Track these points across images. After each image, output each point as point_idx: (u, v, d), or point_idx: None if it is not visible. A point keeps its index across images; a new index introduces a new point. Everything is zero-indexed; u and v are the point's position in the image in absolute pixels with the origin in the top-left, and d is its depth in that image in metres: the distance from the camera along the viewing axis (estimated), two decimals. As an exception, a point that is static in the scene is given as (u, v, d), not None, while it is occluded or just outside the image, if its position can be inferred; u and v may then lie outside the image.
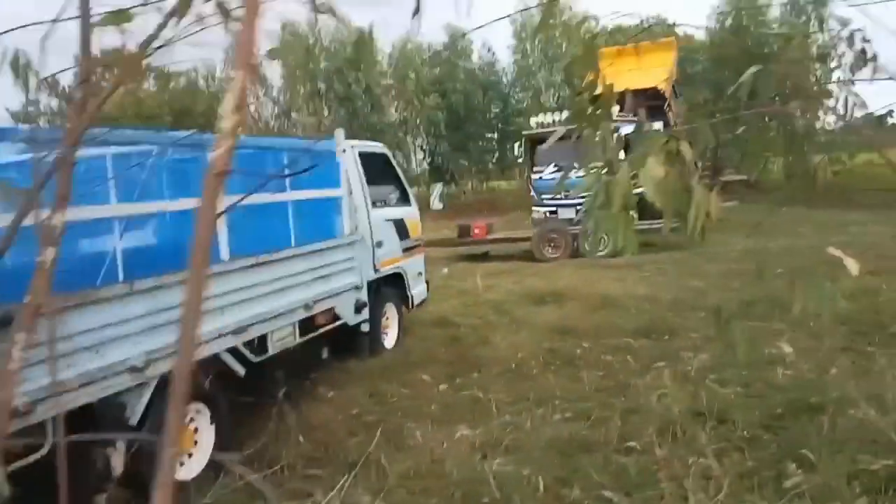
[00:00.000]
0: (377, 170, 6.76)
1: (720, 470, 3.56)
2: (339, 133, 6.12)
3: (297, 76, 31.30)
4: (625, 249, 1.88)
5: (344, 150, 6.03)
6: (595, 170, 2.37)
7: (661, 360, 5.51)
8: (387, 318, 6.84)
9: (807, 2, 28.33)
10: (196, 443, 4.27)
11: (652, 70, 16.67)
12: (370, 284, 6.31)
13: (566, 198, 16.46)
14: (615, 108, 12.04)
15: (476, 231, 14.96)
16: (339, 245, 5.74)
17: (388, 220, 6.75)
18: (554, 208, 16.58)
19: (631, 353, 5.86)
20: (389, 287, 6.84)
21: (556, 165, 16.67)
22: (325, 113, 31.01)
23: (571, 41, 32.68)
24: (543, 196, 16.92)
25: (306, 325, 5.42)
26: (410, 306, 7.26)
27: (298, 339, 5.31)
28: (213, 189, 0.97)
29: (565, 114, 17.76)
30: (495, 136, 32.66)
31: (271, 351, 4.92)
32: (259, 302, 4.69)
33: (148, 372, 3.66)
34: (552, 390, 5.09)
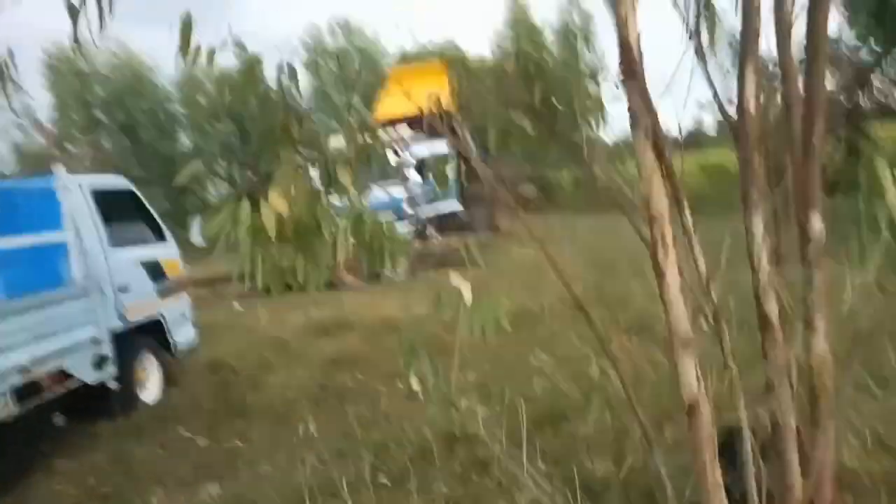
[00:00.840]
0: (120, 207, 6.09)
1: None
2: (59, 169, 5.41)
3: (69, 104, 28.44)
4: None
5: (68, 188, 5.33)
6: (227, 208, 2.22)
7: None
8: (144, 371, 6.17)
9: (574, 27, 31.45)
10: None
11: (438, 92, 17.14)
12: (117, 335, 5.64)
13: (397, 217, 16.46)
14: (406, 129, 12.11)
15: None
16: (65, 296, 5.05)
17: (137, 261, 6.11)
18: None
19: (403, 377, 5.77)
20: (145, 335, 6.18)
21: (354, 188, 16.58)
22: (108, 144, 28.50)
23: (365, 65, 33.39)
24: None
25: (28, 390, 4.69)
26: (175, 354, 6.63)
27: (16, 409, 4.57)
28: None
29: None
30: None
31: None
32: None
33: None
34: (315, 431, 4.84)
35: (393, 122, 17.40)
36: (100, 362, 5.32)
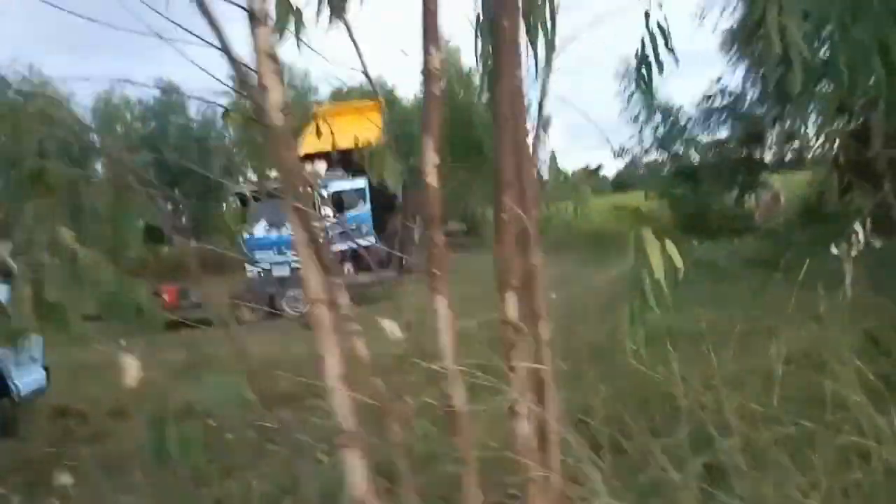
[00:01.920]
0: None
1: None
2: None
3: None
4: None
5: None
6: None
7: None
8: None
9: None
10: None
11: (361, 130, 17.05)
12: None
13: (280, 254, 16.05)
14: (322, 165, 11.82)
15: (165, 297, 13.68)
16: None
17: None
18: (268, 266, 16.05)
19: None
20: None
21: (268, 223, 16.22)
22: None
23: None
24: (257, 254, 16.32)
25: None
26: (17, 399, 6.09)
27: None
28: None
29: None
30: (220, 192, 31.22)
31: None
32: None
33: None
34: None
35: (312, 158, 17.25)
36: None
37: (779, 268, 2.93)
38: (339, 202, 16.91)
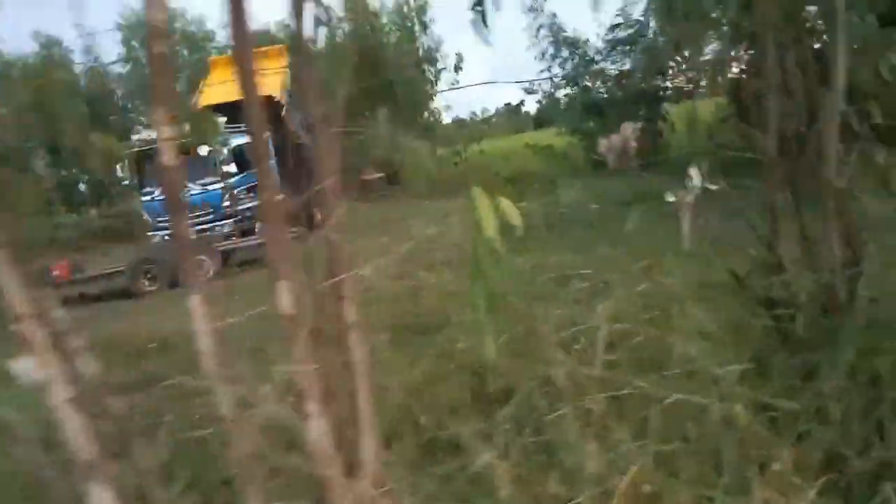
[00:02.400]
0: None
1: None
2: None
3: None
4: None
5: None
6: None
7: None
8: None
9: (411, 10, 31.11)
10: None
11: (265, 79, 16.16)
12: None
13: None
14: (222, 120, 10.96)
15: (56, 272, 12.79)
16: None
17: None
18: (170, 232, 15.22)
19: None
20: None
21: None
22: None
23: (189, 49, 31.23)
24: (158, 219, 15.42)
25: None
26: None
27: None
28: None
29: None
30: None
31: None
32: None
33: None
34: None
35: (215, 110, 16.23)
36: None
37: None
38: (243, 158, 16.09)
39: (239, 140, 16.03)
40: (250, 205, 16.12)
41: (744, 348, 2.10)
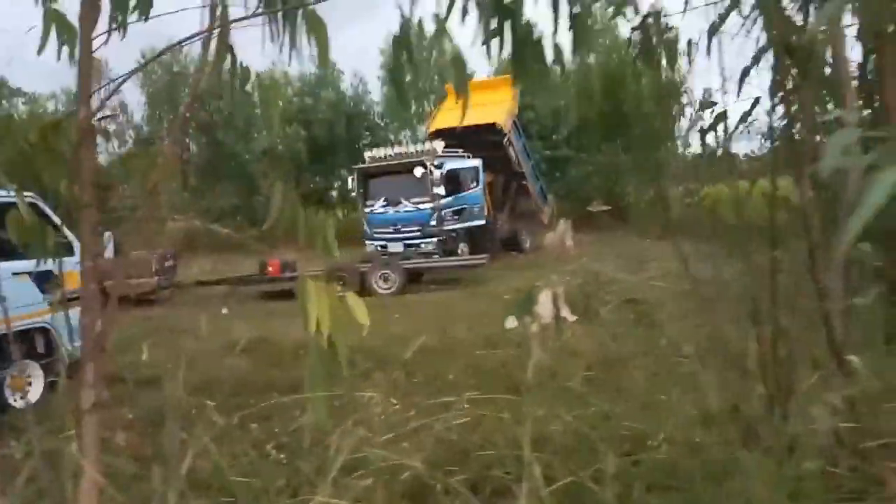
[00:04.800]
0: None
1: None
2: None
3: (159, 104, 30.37)
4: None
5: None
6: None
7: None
8: (20, 375, 6.40)
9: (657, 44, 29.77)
10: None
11: (491, 106, 16.86)
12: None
13: (396, 232, 16.36)
14: (440, 144, 12.01)
15: (269, 269, 14.51)
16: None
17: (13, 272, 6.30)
18: (384, 243, 16.43)
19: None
20: (26, 343, 6.42)
21: (385, 199, 16.60)
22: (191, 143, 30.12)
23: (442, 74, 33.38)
24: (375, 230, 16.76)
25: None
26: (68, 358, 6.81)
27: None
28: None
29: (398, 149, 17.86)
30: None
31: None
32: None
33: None
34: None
35: (442, 135, 17.30)
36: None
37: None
38: (454, 181, 16.77)
39: (453, 164, 16.81)
40: (456, 226, 16.71)
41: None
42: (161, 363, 6.41)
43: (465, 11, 1.65)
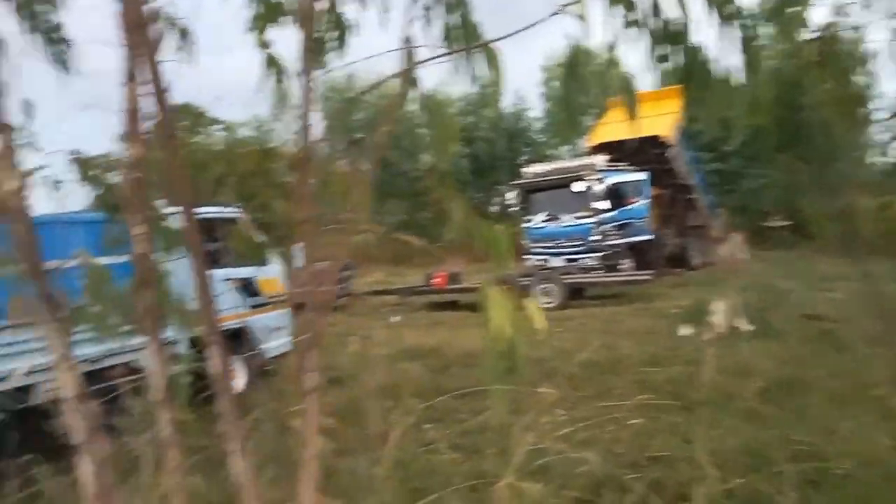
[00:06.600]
0: (223, 232, 7.22)
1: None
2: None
3: (335, 127, 32.65)
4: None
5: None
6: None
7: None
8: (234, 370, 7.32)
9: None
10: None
11: (656, 118, 16.41)
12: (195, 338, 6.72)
13: (557, 246, 16.40)
14: (602, 158, 12.23)
15: (436, 280, 15.07)
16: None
17: (226, 279, 7.16)
18: (545, 257, 16.51)
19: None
20: (230, 342, 7.28)
21: (546, 214, 16.69)
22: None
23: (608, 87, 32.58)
24: (533, 245, 16.90)
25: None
26: (261, 360, 7.66)
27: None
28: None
29: (558, 163, 17.80)
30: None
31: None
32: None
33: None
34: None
35: (604, 148, 17.13)
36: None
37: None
38: (618, 195, 16.42)
39: (616, 177, 16.47)
40: (619, 241, 16.39)
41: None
42: (342, 366, 7.05)
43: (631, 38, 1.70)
